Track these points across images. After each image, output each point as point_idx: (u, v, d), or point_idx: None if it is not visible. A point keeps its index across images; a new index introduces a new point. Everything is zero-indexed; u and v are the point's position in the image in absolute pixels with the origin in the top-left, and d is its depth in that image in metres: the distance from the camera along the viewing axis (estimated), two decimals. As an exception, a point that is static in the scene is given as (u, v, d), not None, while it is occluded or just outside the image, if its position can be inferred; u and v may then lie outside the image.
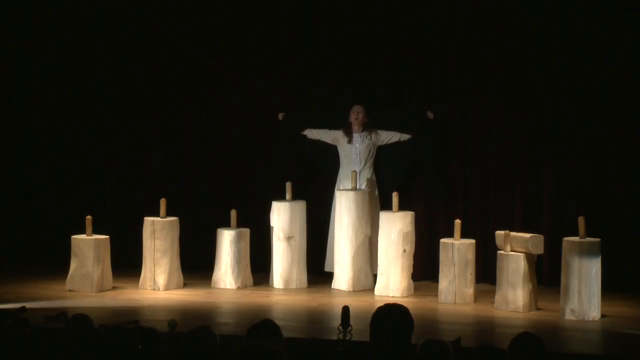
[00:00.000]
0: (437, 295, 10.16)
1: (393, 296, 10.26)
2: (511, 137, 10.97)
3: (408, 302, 8.06)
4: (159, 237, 10.51)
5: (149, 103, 11.76)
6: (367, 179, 10.98)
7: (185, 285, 10.74)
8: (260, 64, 11.57)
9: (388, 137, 11.02)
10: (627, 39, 10.63)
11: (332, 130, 11.10)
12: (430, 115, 10.92)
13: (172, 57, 11.68)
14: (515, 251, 9.69)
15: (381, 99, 11.31)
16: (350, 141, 11.02)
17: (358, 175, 10.86)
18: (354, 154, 10.99)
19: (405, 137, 10.99)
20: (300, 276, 10.79)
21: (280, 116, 11.18)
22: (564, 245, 9.45)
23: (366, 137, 11.02)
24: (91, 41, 11.73)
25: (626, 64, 10.65)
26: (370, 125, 11.02)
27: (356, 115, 10.98)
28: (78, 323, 5.84)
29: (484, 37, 10.98)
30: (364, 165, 10.99)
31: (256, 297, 10.33)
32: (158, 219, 10.56)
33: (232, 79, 11.66)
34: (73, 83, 11.79)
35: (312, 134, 11.16)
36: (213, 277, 10.75)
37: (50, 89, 11.83)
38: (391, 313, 5.13)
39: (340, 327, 6.82)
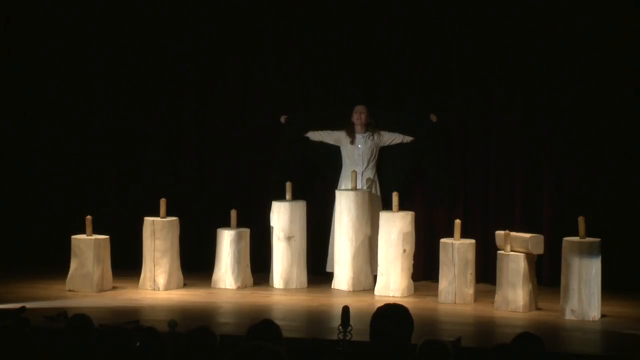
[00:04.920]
0: (437, 295, 10.15)
1: (393, 296, 10.26)
2: (511, 137, 10.97)
3: (408, 302, 8.07)
4: (159, 237, 10.51)
5: (149, 103, 11.76)
6: (369, 180, 10.98)
7: (185, 285, 10.74)
8: (261, 63, 11.57)
9: (391, 138, 11.02)
10: (627, 39, 10.63)
11: (334, 131, 11.10)
12: (433, 118, 10.90)
13: (172, 57, 11.67)
14: (515, 251, 9.69)
15: (382, 100, 11.30)
16: (352, 142, 11.02)
17: (360, 175, 10.88)
18: (356, 154, 10.99)
19: (408, 139, 10.98)
20: (300, 276, 10.79)
21: (283, 119, 11.17)
22: (564, 245, 9.45)
23: (369, 138, 11.01)
24: (91, 41, 11.72)
25: (626, 65, 10.64)
26: (373, 126, 11.01)
27: (359, 115, 10.98)
28: (78, 323, 5.84)
29: (484, 37, 10.98)
30: (367, 166, 10.99)
31: (256, 297, 10.32)
32: (158, 219, 10.56)
33: (232, 78, 11.66)
34: (73, 83, 11.79)
35: (314, 135, 11.15)
36: (213, 277, 10.75)
37: (50, 89, 11.83)
38: (391, 313, 5.13)
39: (340, 327, 6.82)
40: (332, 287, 10.75)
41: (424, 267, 11.06)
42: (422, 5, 11.17)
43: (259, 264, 10.91)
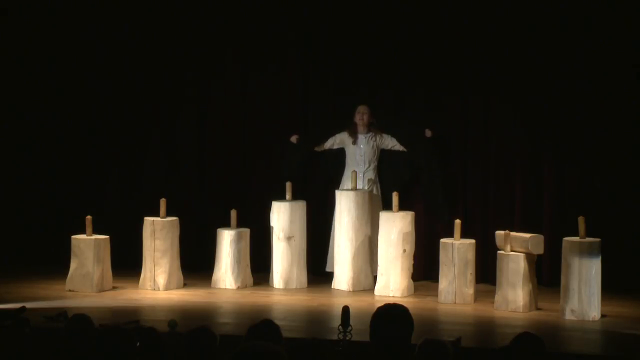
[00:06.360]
0: (437, 295, 10.15)
1: (393, 296, 10.26)
2: (511, 137, 10.97)
3: (408, 302, 8.06)
4: (159, 237, 10.51)
5: (149, 103, 11.75)
6: (370, 180, 10.97)
7: (185, 285, 10.74)
8: (260, 62, 11.57)
9: (392, 143, 11.00)
10: (627, 39, 10.63)
11: (336, 135, 11.09)
12: (428, 133, 10.87)
13: (172, 57, 11.67)
14: (515, 251, 9.69)
15: (383, 100, 11.28)
16: (355, 142, 11.02)
17: (362, 175, 10.88)
18: (358, 154, 10.98)
19: (404, 149, 10.98)
20: (300, 276, 10.79)
21: (294, 139, 11.12)
22: (564, 245, 9.45)
23: (371, 138, 11.01)
24: (90, 41, 11.72)
25: (626, 64, 10.64)
26: (375, 126, 11.01)
27: (361, 116, 10.98)
28: (78, 323, 5.84)
29: (484, 37, 10.98)
30: (368, 166, 10.98)
31: (256, 297, 10.33)
32: (158, 219, 10.56)
33: (232, 78, 11.66)
34: (73, 83, 11.79)
35: (320, 147, 11.13)
36: (213, 277, 10.75)
37: (50, 89, 11.83)
38: (391, 313, 5.13)
39: (340, 327, 6.82)
40: (332, 287, 10.75)
41: (424, 267, 11.06)
42: (423, 6, 11.15)
43: (259, 264, 10.91)
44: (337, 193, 10.79)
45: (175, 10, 11.66)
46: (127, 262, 11.08)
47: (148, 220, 10.57)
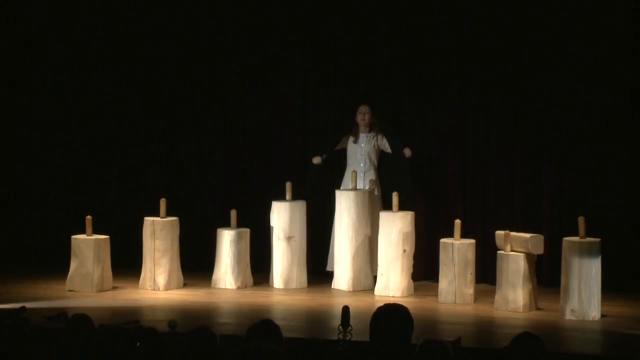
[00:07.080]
0: (437, 295, 10.16)
1: (393, 296, 10.26)
2: (511, 137, 10.97)
3: (408, 302, 8.06)
4: (159, 237, 10.51)
5: (150, 103, 11.76)
6: (371, 180, 10.98)
7: (185, 285, 10.74)
8: (260, 63, 11.57)
9: (388, 148, 10.99)
10: (627, 40, 10.63)
11: (341, 138, 11.10)
12: (407, 152, 10.85)
13: (172, 57, 11.68)
14: (515, 251, 9.69)
15: (382, 99, 11.28)
16: (356, 141, 11.03)
17: (363, 175, 10.88)
18: (359, 154, 10.99)
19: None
20: (300, 276, 10.79)
21: (317, 160, 11.06)
22: (564, 245, 9.45)
23: (372, 138, 11.02)
24: (92, 42, 11.73)
25: (626, 65, 10.64)
26: (377, 126, 11.02)
27: (362, 116, 10.99)
28: (78, 323, 5.84)
29: (485, 37, 10.98)
30: (369, 166, 10.98)
31: (256, 297, 10.33)
32: (158, 219, 10.57)
33: (232, 78, 11.66)
34: (74, 83, 11.79)
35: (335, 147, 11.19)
36: (213, 277, 10.75)
37: (51, 89, 11.83)
38: (391, 313, 5.13)
39: (340, 327, 6.83)
40: (332, 287, 10.75)
41: (424, 267, 11.05)
42: (423, 6, 11.16)
43: (259, 264, 10.91)
44: (337, 193, 10.80)
45: (174, 10, 11.66)
46: (127, 262, 11.08)
47: (148, 220, 10.58)
